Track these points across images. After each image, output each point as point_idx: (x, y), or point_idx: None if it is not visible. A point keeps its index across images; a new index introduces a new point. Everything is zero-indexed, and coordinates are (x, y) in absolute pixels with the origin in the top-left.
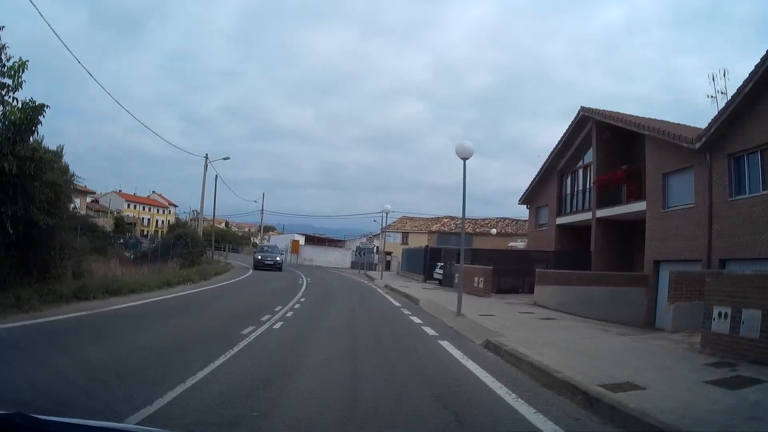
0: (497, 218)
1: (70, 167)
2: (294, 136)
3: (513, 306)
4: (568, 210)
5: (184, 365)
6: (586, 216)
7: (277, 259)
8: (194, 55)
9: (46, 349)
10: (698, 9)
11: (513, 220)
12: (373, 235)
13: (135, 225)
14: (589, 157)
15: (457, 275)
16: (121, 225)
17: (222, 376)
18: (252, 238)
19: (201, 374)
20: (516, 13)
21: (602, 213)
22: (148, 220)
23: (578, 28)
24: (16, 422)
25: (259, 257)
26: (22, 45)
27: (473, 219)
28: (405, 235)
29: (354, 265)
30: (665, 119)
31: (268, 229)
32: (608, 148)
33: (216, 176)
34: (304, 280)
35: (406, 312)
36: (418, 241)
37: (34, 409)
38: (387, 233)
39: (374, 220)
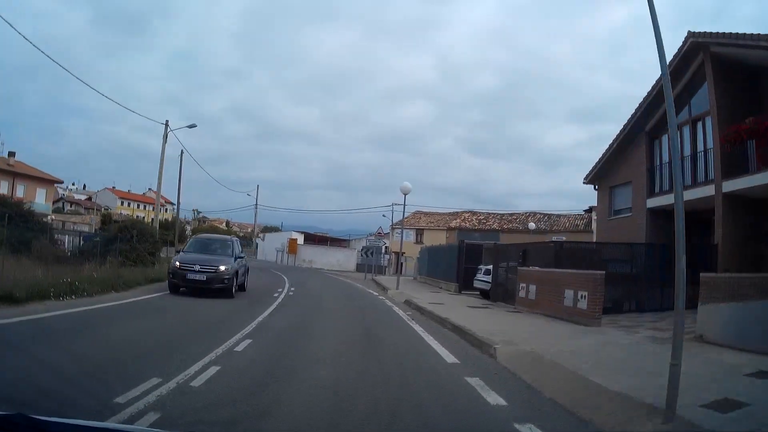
0: (527, 212)
1: None
2: (300, 137)
3: (694, 353)
4: (665, 187)
5: None
6: (701, 192)
7: (222, 269)
8: (199, 54)
9: None
10: (703, 9)
11: (545, 214)
12: (383, 233)
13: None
14: (699, 106)
15: (523, 286)
16: (109, 223)
17: None
18: (254, 239)
19: None
20: (521, 14)
21: (732, 186)
22: (143, 218)
23: (584, 28)
24: (15, 422)
25: (180, 266)
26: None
27: (498, 213)
28: (419, 233)
29: (360, 268)
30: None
31: (270, 229)
32: (732, 91)
33: (182, 152)
34: (285, 289)
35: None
36: (435, 239)
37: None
38: (399, 230)
39: (383, 215)
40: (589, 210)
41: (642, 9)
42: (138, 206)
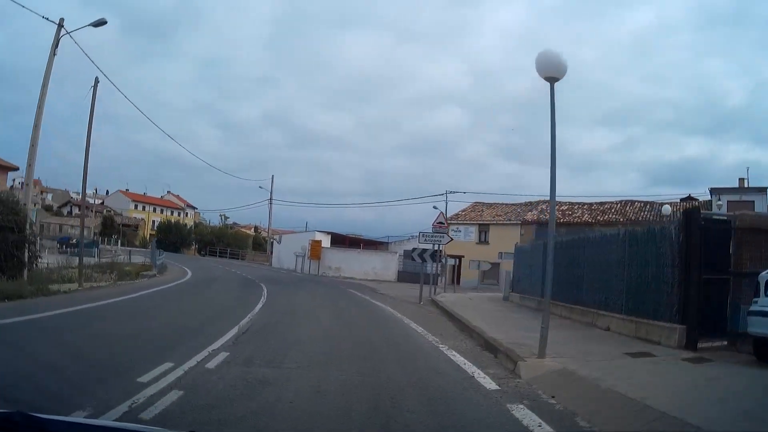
0: (618, 200)
1: None
2: (334, 144)
3: None
4: None
5: None
6: None
7: None
8: (228, 62)
9: None
10: (724, 10)
11: (644, 202)
12: (445, 223)
13: (138, 227)
14: None
15: None
16: (110, 226)
17: None
18: (268, 240)
19: None
20: (548, 16)
21: None
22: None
23: (609, 31)
24: (15, 421)
25: None
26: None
27: (584, 203)
28: (483, 230)
29: (402, 277)
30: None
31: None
32: None
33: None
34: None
35: None
36: (505, 238)
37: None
38: (454, 226)
39: (434, 206)
40: (688, 198)
41: (665, 11)
42: (154, 209)
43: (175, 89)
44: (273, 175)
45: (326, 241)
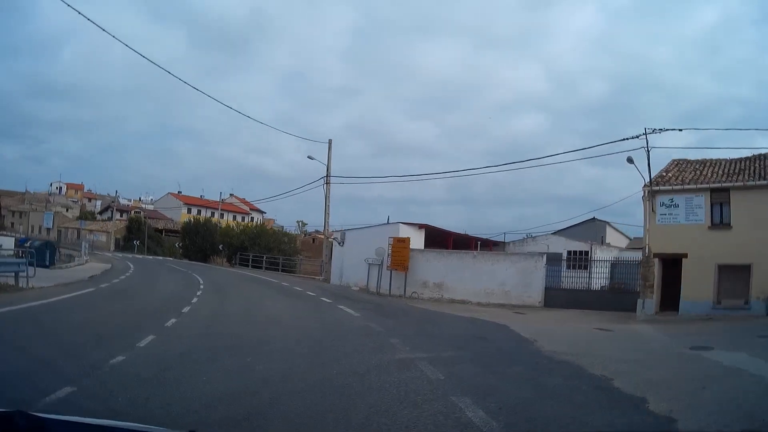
0: None
1: None
2: (419, 152)
3: None
4: None
5: None
6: None
7: None
8: (308, 73)
9: None
10: None
11: None
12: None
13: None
14: None
15: None
16: (137, 227)
17: None
18: (327, 238)
19: None
20: (619, 17)
21: None
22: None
23: (679, 29)
24: (16, 420)
25: None
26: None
27: None
28: (719, 200)
29: (553, 299)
30: None
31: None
32: None
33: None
34: None
35: None
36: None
37: None
38: (664, 196)
39: (628, 159)
40: None
41: (731, 9)
42: (212, 214)
43: (256, 102)
44: (330, 140)
45: (417, 240)
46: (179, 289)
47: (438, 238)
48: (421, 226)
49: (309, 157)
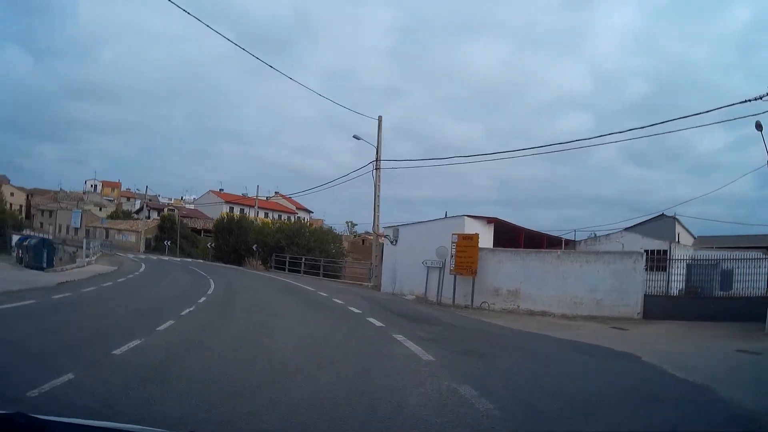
0: None
1: None
2: (465, 153)
3: None
4: None
5: None
6: None
7: None
8: (353, 73)
9: None
10: None
11: None
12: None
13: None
14: None
15: None
16: (170, 226)
17: None
18: (385, 240)
19: None
20: (658, 16)
21: None
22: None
23: (716, 28)
24: (16, 422)
25: None
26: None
27: None
28: None
29: (654, 308)
30: None
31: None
32: None
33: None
34: None
35: None
36: None
37: None
38: None
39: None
40: None
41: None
42: (255, 212)
43: (300, 102)
44: (380, 116)
45: (485, 237)
46: (166, 301)
47: (508, 236)
48: (489, 221)
49: (355, 137)
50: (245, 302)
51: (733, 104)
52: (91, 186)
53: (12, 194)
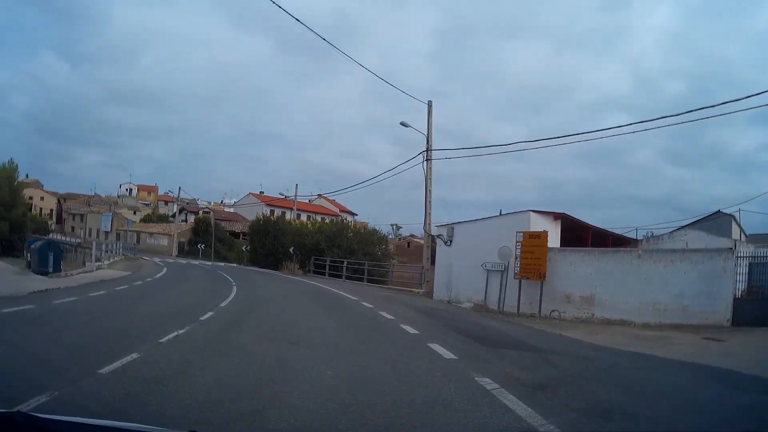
0: None
1: None
2: (509, 155)
3: None
4: None
5: None
6: None
7: None
8: (395, 76)
9: None
10: None
11: None
12: None
13: (239, 235)
14: None
15: None
16: (204, 228)
17: None
18: (438, 240)
19: None
20: (694, 14)
21: None
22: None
23: (751, 25)
24: (16, 421)
25: None
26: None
27: None
28: None
29: (744, 315)
30: None
31: None
32: None
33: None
34: None
35: None
36: None
37: None
38: None
39: None
40: None
41: None
42: (299, 216)
43: (343, 106)
44: (431, 101)
45: (552, 235)
46: (158, 318)
47: (572, 234)
48: (556, 216)
49: (402, 124)
50: (263, 320)
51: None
52: (126, 190)
53: (42, 198)
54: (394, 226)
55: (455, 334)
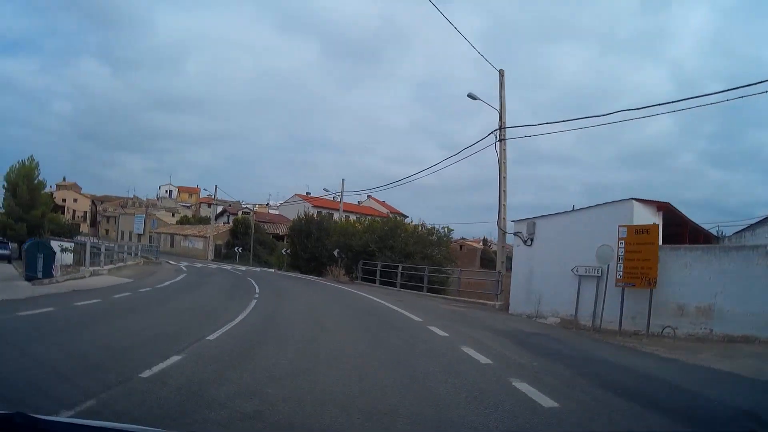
0: None
1: None
2: (556, 160)
3: None
4: None
5: None
6: None
7: None
8: (443, 81)
9: None
10: None
11: None
12: None
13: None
14: None
15: None
16: (243, 230)
17: None
18: (518, 239)
19: None
20: (730, 16)
21: None
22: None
23: None
24: (16, 422)
25: None
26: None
27: None
28: None
29: None
30: None
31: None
32: None
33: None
34: None
35: None
36: None
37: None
38: None
39: None
40: None
41: None
42: (347, 217)
43: (391, 111)
44: (502, 70)
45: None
46: (63, 370)
47: (671, 229)
48: (659, 207)
49: (469, 96)
50: (264, 368)
51: None
52: (166, 192)
53: (75, 200)
54: (446, 228)
55: (622, 402)
